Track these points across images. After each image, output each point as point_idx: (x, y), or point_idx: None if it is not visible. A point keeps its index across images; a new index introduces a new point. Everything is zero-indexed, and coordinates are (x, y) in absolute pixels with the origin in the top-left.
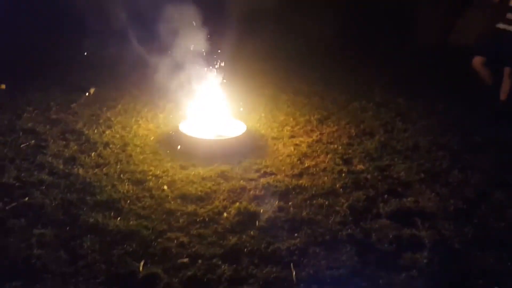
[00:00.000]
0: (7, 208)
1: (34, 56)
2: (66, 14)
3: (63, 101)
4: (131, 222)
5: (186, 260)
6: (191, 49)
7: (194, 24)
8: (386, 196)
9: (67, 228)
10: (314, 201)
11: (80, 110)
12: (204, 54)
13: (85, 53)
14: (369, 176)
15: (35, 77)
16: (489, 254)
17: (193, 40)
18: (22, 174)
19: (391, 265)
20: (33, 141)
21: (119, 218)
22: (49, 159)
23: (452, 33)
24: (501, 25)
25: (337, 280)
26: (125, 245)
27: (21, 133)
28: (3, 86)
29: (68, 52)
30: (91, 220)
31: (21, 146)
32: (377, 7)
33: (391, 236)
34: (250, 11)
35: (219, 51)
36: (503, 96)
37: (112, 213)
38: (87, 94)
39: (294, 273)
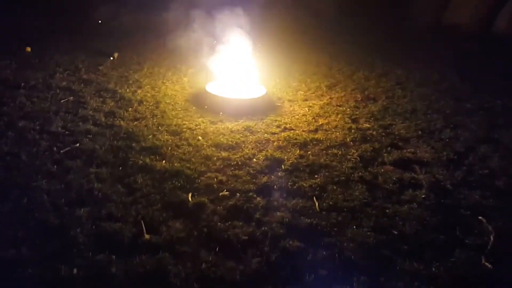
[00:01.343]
0: (61, 151)
1: (53, 22)
2: None
3: (90, 64)
4: (175, 164)
5: (226, 193)
6: (208, 20)
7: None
8: (389, 148)
9: (120, 168)
10: (329, 151)
11: (109, 72)
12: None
13: (99, 22)
14: (374, 133)
15: (58, 42)
16: (475, 193)
17: (208, 13)
18: (69, 125)
19: (395, 199)
20: (71, 97)
21: (164, 161)
22: (90, 112)
23: (446, 11)
24: None
25: (352, 209)
26: (173, 181)
27: (58, 90)
28: (29, 49)
29: (85, 18)
30: (140, 162)
31: (61, 101)
32: None
33: (394, 178)
34: None
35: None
36: None
37: (157, 157)
38: (111, 58)
39: (317, 204)
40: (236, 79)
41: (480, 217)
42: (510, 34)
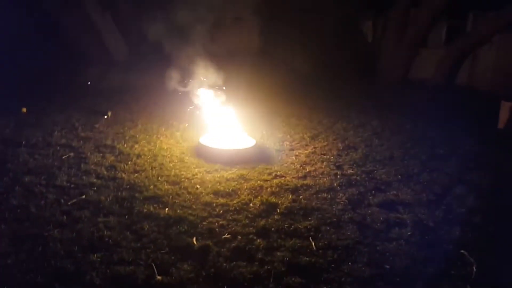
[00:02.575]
0: (69, 203)
1: (46, 84)
2: (71, 46)
3: (86, 122)
4: (178, 211)
5: (228, 236)
6: (192, 78)
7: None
8: (373, 191)
9: (126, 216)
10: (319, 195)
11: (105, 129)
12: (204, 84)
13: (89, 83)
14: (358, 178)
15: (52, 103)
16: (455, 229)
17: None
18: (73, 179)
19: (384, 237)
20: (72, 153)
21: (167, 209)
22: (92, 167)
23: (412, 67)
24: None
25: (346, 247)
26: (178, 227)
27: (58, 147)
28: (25, 110)
29: (76, 80)
30: (145, 210)
31: (63, 157)
32: (348, 48)
33: (381, 219)
34: (237, 50)
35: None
36: (501, 124)
37: (160, 205)
38: (105, 116)
39: (313, 243)
40: (226, 131)
41: (462, 251)
42: (471, 85)
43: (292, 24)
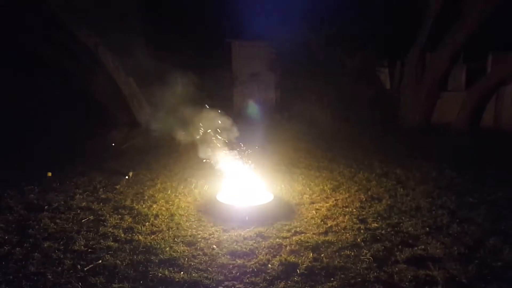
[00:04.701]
0: (85, 269)
1: (70, 147)
2: (91, 108)
3: (107, 184)
4: (193, 274)
5: None
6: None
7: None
8: (400, 246)
9: (141, 282)
10: (342, 253)
11: (125, 190)
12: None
13: (113, 144)
14: (383, 232)
15: (75, 165)
16: (491, 286)
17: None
18: (91, 243)
19: None
20: (91, 216)
21: (182, 272)
22: (110, 229)
23: (434, 111)
24: None
25: None
26: None
27: (79, 211)
28: (50, 174)
29: (100, 143)
30: (160, 274)
31: (82, 220)
32: (366, 96)
33: (410, 276)
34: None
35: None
36: None
37: (175, 268)
38: (126, 177)
39: None
40: (244, 187)
41: None
42: (497, 128)
43: (308, 75)
